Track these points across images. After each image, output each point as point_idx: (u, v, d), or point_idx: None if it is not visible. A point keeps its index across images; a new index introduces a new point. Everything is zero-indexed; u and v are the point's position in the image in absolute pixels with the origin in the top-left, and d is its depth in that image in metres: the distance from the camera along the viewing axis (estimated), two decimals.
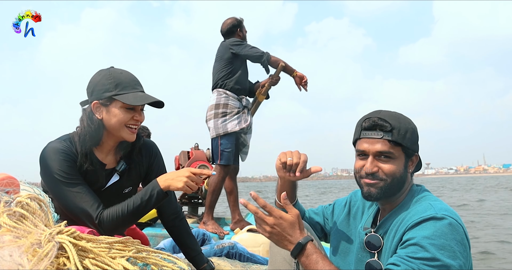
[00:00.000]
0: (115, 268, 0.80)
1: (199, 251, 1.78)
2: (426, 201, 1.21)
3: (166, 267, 0.90)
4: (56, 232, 0.81)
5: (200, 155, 4.45)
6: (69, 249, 0.78)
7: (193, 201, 4.46)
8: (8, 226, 0.79)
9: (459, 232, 1.09)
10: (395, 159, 1.22)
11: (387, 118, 1.23)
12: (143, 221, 3.36)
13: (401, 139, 1.21)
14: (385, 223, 1.27)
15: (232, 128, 3.22)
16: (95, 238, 0.88)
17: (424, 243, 1.07)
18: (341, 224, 1.48)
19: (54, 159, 1.43)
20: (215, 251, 2.46)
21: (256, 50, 3.29)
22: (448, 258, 1.05)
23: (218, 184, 3.23)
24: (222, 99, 3.28)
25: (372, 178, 1.23)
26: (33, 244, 0.77)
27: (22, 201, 0.86)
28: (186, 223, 1.82)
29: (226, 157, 3.22)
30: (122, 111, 1.49)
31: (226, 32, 3.51)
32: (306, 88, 3.40)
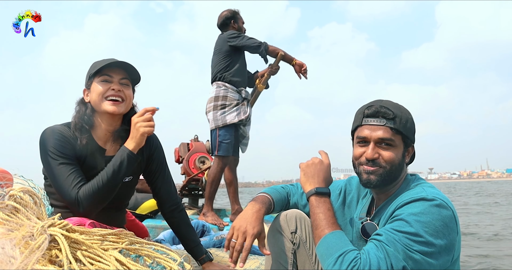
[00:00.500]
0: (107, 260, 0.81)
1: (198, 242, 1.79)
2: (419, 186, 1.23)
3: (159, 258, 0.91)
4: (48, 224, 0.81)
5: (200, 146, 4.47)
6: (61, 241, 0.78)
7: (193, 192, 4.49)
8: (0, 219, 0.80)
9: (447, 214, 1.10)
10: (395, 147, 1.23)
11: (390, 107, 1.25)
12: (144, 213, 3.39)
13: (402, 128, 1.23)
14: (381, 211, 1.28)
15: (231, 120, 3.23)
16: (88, 231, 0.89)
17: (409, 219, 1.08)
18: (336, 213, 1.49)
19: (49, 138, 1.48)
20: (214, 242, 2.49)
21: (253, 40, 3.28)
22: (431, 236, 1.06)
23: (217, 175, 3.25)
24: (221, 91, 3.28)
25: (372, 165, 1.24)
26: (25, 236, 0.78)
27: (15, 194, 0.87)
28: (186, 215, 1.83)
29: (225, 148, 3.23)
30: (99, 84, 1.54)
31: (220, 25, 3.51)
32: (306, 76, 3.40)
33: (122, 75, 1.58)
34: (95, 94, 1.54)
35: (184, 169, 4.32)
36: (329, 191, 1.30)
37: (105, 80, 1.55)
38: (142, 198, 3.40)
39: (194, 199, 4.49)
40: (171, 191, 1.79)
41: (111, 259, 0.81)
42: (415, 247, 1.05)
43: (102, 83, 1.55)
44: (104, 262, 0.81)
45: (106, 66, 1.53)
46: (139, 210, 3.34)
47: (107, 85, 1.55)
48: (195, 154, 4.35)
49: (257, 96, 3.55)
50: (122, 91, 1.56)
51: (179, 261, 0.92)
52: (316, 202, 1.26)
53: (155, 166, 1.75)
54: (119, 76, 1.57)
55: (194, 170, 4.20)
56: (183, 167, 4.41)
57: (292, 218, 1.50)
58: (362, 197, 1.43)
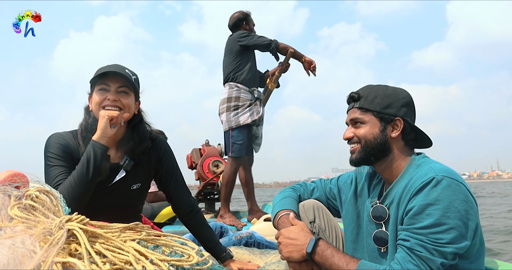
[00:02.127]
0: (126, 250, 0.81)
1: (217, 241, 1.79)
2: (427, 165, 1.21)
3: (177, 247, 0.91)
4: (65, 219, 0.83)
5: (212, 151, 4.49)
6: (79, 234, 0.80)
7: (209, 197, 4.50)
8: (19, 217, 0.81)
9: (461, 190, 1.09)
10: (366, 123, 1.29)
11: (359, 90, 1.34)
12: (162, 221, 3.41)
13: (368, 104, 1.29)
14: (389, 193, 1.28)
15: (244, 121, 3.24)
16: (105, 225, 0.90)
17: (428, 210, 1.08)
18: (349, 203, 1.48)
19: (50, 142, 1.53)
20: (234, 241, 2.48)
21: (263, 38, 3.31)
22: (455, 219, 1.05)
23: (231, 176, 3.26)
24: (233, 92, 3.30)
25: (350, 143, 1.34)
26: (44, 232, 0.79)
27: (32, 194, 0.88)
28: (202, 216, 1.84)
29: (238, 149, 3.24)
30: (97, 93, 1.53)
31: (232, 26, 3.54)
32: (314, 73, 3.40)
33: (120, 83, 1.53)
34: (93, 103, 1.53)
35: (199, 174, 4.34)
36: (313, 240, 1.24)
37: (102, 89, 1.52)
38: (158, 207, 3.43)
39: (211, 203, 4.50)
40: (185, 194, 1.79)
41: (130, 250, 0.82)
42: (444, 239, 1.05)
43: (99, 92, 1.52)
44: (123, 253, 0.81)
45: (100, 75, 1.51)
46: (157, 219, 3.36)
47: (104, 95, 1.52)
48: (208, 158, 4.37)
49: (268, 95, 3.57)
50: (119, 101, 1.52)
51: (197, 249, 0.93)
52: (319, 258, 1.21)
53: (166, 170, 1.75)
54: (117, 84, 1.52)
55: (209, 175, 4.22)
56: (197, 173, 4.43)
57: (310, 208, 1.50)
58: (374, 182, 1.43)
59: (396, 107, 1.28)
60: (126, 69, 1.56)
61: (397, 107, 1.28)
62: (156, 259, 0.82)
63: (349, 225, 1.46)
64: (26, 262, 0.70)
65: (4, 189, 0.88)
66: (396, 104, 1.28)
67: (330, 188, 1.59)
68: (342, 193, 1.54)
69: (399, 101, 1.29)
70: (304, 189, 1.63)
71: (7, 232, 0.78)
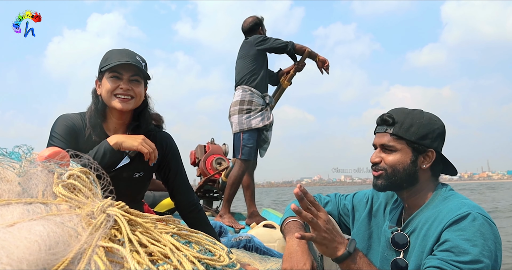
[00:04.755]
0: (163, 243, 0.82)
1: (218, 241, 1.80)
2: (456, 199, 1.22)
3: (209, 245, 0.92)
4: (108, 204, 0.83)
5: (217, 149, 4.50)
6: (121, 220, 0.80)
7: (208, 195, 4.51)
8: (63, 196, 0.82)
9: (494, 230, 1.11)
10: (398, 151, 1.27)
11: (394, 113, 1.29)
12: (162, 211, 3.41)
13: (403, 133, 1.25)
14: (412, 221, 1.28)
15: (256, 124, 3.27)
16: (142, 214, 0.91)
17: (465, 246, 1.08)
18: (362, 223, 1.48)
19: (57, 123, 1.57)
20: (232, 243, 2.49)
21: (280, 41, 3.35)
22: (488, 259, 1.07)
23: (238, 178, 3.27)
24: (247, 95, 3.32)
25: (375, 168, 1.31)
26: (88, 214, 0.80)
27: (75, 173, 0.89)
28: (204, 214, 1.86)
29: (247, 152, 3.26)
30: (109, 80, 1.55)
31: (248, 30, 3.58)
32: (328, 71, 3.47)
33: (132, 72, 1.56)
34: (105, 90, 1.55)
35: (201, 170, 4.36)
36: (355, 241, 1.23)
37: (115, 77, 1.54)
38: (160, 196, 3.43)
39: (209, 201, 4.51)
40: (188, 191, 1.80)
41: (167, 243, 0.83)
42: None
43: (111, 80, 1.54)
44: (159, 245, 0.82)
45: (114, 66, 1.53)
46: (158, 208, 3.36)
47: (116, 83, 1.54)
48: (212, 155, 4.38)
49: (281, 93, 3.61)
50: (131, 89, 1.55)
51: (226, 250, 0.94)
52: (354, 264, 1.18)
53: (170, 166, 1.76)
54: (129, 73, 1.55)
55: (211, 171, 4.23)
56: (199, 169, 4.44)
57: None
58: (392, 206, 1.43)
59: (431, 138, 1.26)
60: (137, 56, 1.58)
61: (432, 138, 1.26)
62: (190, 255, 0.83)
63: (359, 245, 1.46)
64: (72, 242, 0.71)
65: (48, 166, 0.88)
66: (431, 135, 1.26)
67: (344, 204, 1.60)
68: (356, 211, 1.55)
69: (434, 132, 1.27)
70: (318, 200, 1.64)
71: (52, 209, 0.78)
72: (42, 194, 0.81)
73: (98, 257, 0.70)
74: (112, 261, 0.74)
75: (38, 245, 0.65)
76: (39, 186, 0.82)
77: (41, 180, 0.83)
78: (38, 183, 0.82)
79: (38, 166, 0.86)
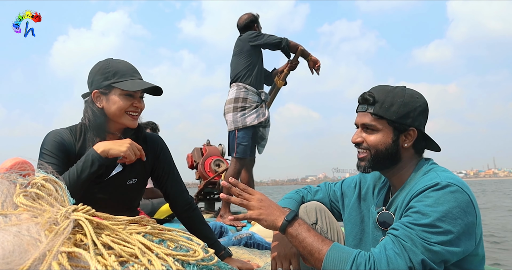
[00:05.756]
0: (132, 243, 0.80)
1: (215, 239, 1.79)
2: (433, 172, 1.20)
3: (183, 241, 0.90)
4: (71, 209, 0.81)
5: (214, 150, 4.48)
6: (85, 225, 0.78)
7: (209, 197, 4.49)
8: (24, 205, 0.80)
9: (464, 199, 1.07)
10: (379, 131, 1.24)
11: (375, 92, 1.26)
12: (161, 218, 3.40)
13: (383, 112, 1.22)
14: (395, 199, 1.26)
15: (251, 122, 3.24)
16: (111, 217, 0.89)
17: (425, 210, 1.06)
18: (353, 207, 1.46)
19: (46, 139, 1.53)
20: (233, 242, 2.47)
21: (274, 37, 3.33)
22: (449, 225, 1.04)
23: (234, 176, 3.25)
24: (241, 93, 3.29)
25: (358, 148, 1.30)
26: (50, 221, 0.78)
27: (37, 182, 0.87)
28: (200, 213, 1.83)
29: (242, 150, 3.24)
30: (122, 98, 1.52)
31: (243, 27, 3.55)
32: (318, 72, 3.45)
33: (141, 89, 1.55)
34: (116, 107, 1.52)
35: (200, 173, 4.33)
36: (295, 212, 1.25)
37: (128, 95, 1.53)
38: (158, 203, 3.41)
39: (210, 203, 4.49)
40: (182, 191, 1.78)
41: (136, 243, 0.80)
42: (433, 239, 1.03)
43: (125, 98, 1.52)
44: (128, 245, 0.80)
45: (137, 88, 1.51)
46: (157, 215, 3.35)
47: (130, 101, 1.53)
48: (209, 157, 4.36)
49: (276, 92, 3.59)
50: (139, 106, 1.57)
51: (202, 245, 0.91)
52: (294, 231, 1.19)
53: (163, 168, 1.74)
54: (140, 90, 1.54)
55: (210, 174, 4.21)
56: (198, 172, 4.42)
57: (312, 210, 1.49)
58: (380, 187, 1.41)
59: (413, 117, 1.23)
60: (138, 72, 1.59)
61: (414, 116, 1.23)
62: (161, 253, 0.81)
63: (352, 230, 1.44)
64: (31, 250, 0.69)
65: (9, 177, 0.86)
66: (412, 114, 1.23)
67: (334, 191, 1.58)
68: (345, 197, 1.53)
69: (416, 110, 1.23)
70: (308, 191, 1.62)
71: (12, 219, 0.76)
72: (1, 206, 0.79)
73: (57, 263, 0.68)
74: (77, 266, 0.72)
75: None
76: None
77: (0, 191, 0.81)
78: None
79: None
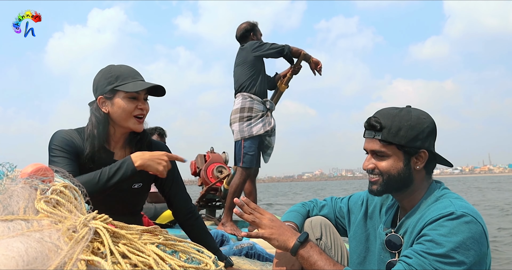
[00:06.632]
0: (147, 253, 0.82)
1: (217, 248, 1.81)
2: (446, 199, 1.20)
3: (195, 254, 0.92)
4: (90, 217, 0.84)
5: (217, 157, 4.51)
6: (103, 233, 0.81)
7: (210, 204, 4.50)
8: (45, 211, 0.82)
9: (477, 230, 1.08)
10: (389, 156, 1.24)
11: (380, 117, 1.25)
12: (163, 223, 3.41)
13: (392, 138, 1.22)
14: (405, 222, 1.27)
15: (257, 131, 3.28)
16: (126, 226, 0.91)
17: (439, 240, 1.07)
18: (358, 225, 1.47)
19: (55, 136, 1.54)
20: (234, 251, 2.48)
21: (276, 45, 3.38)
22: (462, 256, 1.05)
23: (239, 186, 3.28)
24: (247, 103, 3.33)
25: (371, 174, 1.29)
26: (69, 228, 0.80)
27: (57, 189, 0.90)
28: (202, 222, 1.85)
29: (249, 160, 3.26)
30: (126, 101, 1.53)
31: (240, 37, 3.63)
32: (320, 73, 3.51)
33: (145, 91, 1.57)
34: (122, 110, 1.53)
35: (203, 179, 4.36)
36: (306, 233, 1.28)
37: (133, 97, 1.54)
38: (161, 208, 3.43)
39: (211, 210, 4.50)
40: (185, 199, 1.80)
41: (151, 253, 0.83)
42: (446, 268, 1.04)
43: (129, 101, 1.53)
44: (143, 255, 0.82)
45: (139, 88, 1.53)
46: (159, 220, 3.36)
47: (134, 103, 1.54)
48: (212, 164, 4.39)
49: (279, 96, 3.64)
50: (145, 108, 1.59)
51: (213, 258, 0.93)
52: (305, 253, 1.23)
53: (167, 176, 1.71)
54: (144, 91, 1.56)
55: (212, 180, 4.24)
56: (201, 178, 4.44)
57: (317, 225, 1.50)
58: (387, 207, 1.41)
59: (422, 138, 1.23)
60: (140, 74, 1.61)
61: (423, 138, 1.23)
62: (174, 264, 0.83)
63: (357, 248, 1.45)
64: (52, 257, 0.71)
65: (31, 182, 0.89)
66: (421, 136, 1.23)
67: (340, 207, 1.59)
68: (351, 214, 1.54)
69: (424, 132, 1.23)
70: (314, 205, 1.63)
71: (34, 225, 0.79)
72: (23, 211, 0.81)
73: None
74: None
75: (15, 261, 0.65)
76: (20, 203, 0.82)
77: (22, 196, 0.84)
78: (19, 200, 0.83)
79: (20, 182, 0.86)
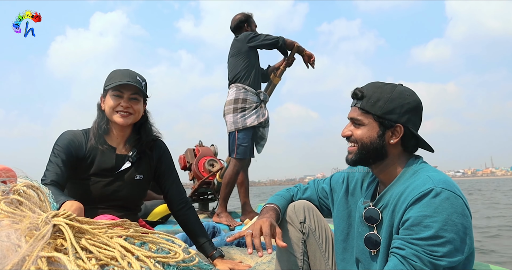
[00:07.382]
0: (112, 246, 0.82)
1: (208, 238, 1.88)
2: (424, 173, 1.19)
3: (164, 244, 0.91)
4: (52, 215, 0.83)
5: (207, 151, 4.48)
6: (65, 229, 0.80)
7: (203, 197, 4.50)
8: (4, 212, 0.81)
9: (459, 204, 1.09)
10: (365, 125, 1.26)
11: (365, 88, 1.28)
12: (155, 220, 3.41)
13: (369, 107, 1.24)
14: (384, 196, 1.27)
15: (251, 123, 3.26)
16: (92, 221, 0.91)
17: (425, 222, 1.07)
18: (340, 202, 1.48)
19: (60, 136, 1.73)
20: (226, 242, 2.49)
21: (270, 37, 3.37)
22: (452, 232, 1.05)
23: (233, 176, 3.28)
24: (241, 94, 3.31)
25: (348, 142, 1.32)
26: (30, 227, 0.79)
27: (19, 189, 0.89)
28: (195, 212, 1.97)
29: (242, 151, 3.26)
30: (111, 98, 1.72)
31: (234, 28, 3.59)
32: (313, 66, 3.48)
33: (132, 91, 1.72)
34: (107, 106, 1.74)
35: (194, 173, 4.34)
36: None
37: (117, 95, 1.72)
38: (152, 205, 3.43)
39: (204, 203, 4.50)
40: (180, 190, 1.97)
41: (116, 246, 0.82)
42: (439, 252, 1.05)
43: (114, 97, 1.72)
44: (108, 249, 0.82)
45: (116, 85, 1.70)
46: (150, 217, 3.36)
47: (118, 100, 1.72)
48: (203, 158, 4.37)
49: (272, 89, 3.61)
50: (130, 107, 1.73)
51: (183, 246, 0.93)
52: None
53: (164, 168, 1.93)
54: (129, 92, 1.72)
55: (204, 174, 4.22)
56: (192, 172, 4.43)
57: (300, 209, 1.51)
58: (368, 182, 1.42)
59: (399, 113, 1.22)
60: (137, 76, 1.75)
61: (400, 113, 1.22)
62: (142, 255, 0.82)
63: (340, 224, 1.46)
64: (10, 255, 0.70)
65: None
66: (399, 110, 1.22)
67: (322, 187, 1.59)
68: (334, 193, 1.54)
69: (403, 107, 1.23)
70: (298, 189, 1.64)
71: None
72: None
73: (37, 268, 0.70)
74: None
75: None
76: None
77: None
78: None
79: None
